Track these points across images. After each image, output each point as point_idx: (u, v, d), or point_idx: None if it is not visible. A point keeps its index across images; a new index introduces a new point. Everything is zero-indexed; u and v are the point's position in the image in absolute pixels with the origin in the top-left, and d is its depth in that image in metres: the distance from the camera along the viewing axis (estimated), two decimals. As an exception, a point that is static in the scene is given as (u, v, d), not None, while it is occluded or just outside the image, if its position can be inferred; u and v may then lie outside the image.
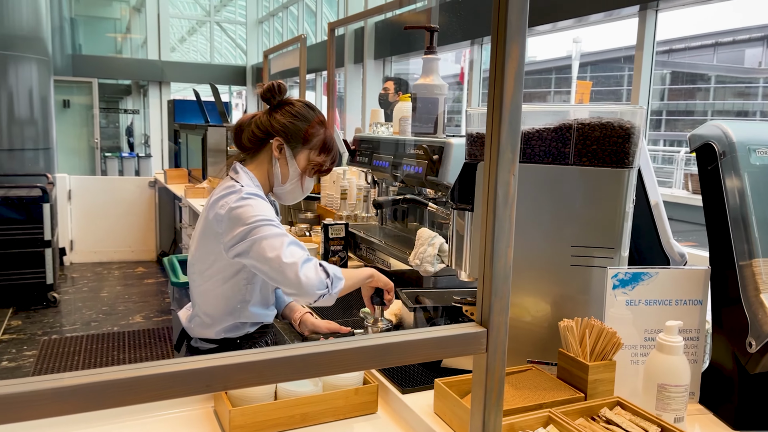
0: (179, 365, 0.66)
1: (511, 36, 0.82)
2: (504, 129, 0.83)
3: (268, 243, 1.33)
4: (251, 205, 1.39)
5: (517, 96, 0.84)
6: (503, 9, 0.82)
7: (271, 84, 1.52)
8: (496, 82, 0.84)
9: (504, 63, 0.83)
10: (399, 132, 2.10)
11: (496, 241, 0.87)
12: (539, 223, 1.26)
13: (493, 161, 0.85)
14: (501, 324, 0.90)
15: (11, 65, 5.15)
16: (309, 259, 1.35)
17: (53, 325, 4.25)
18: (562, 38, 18.01)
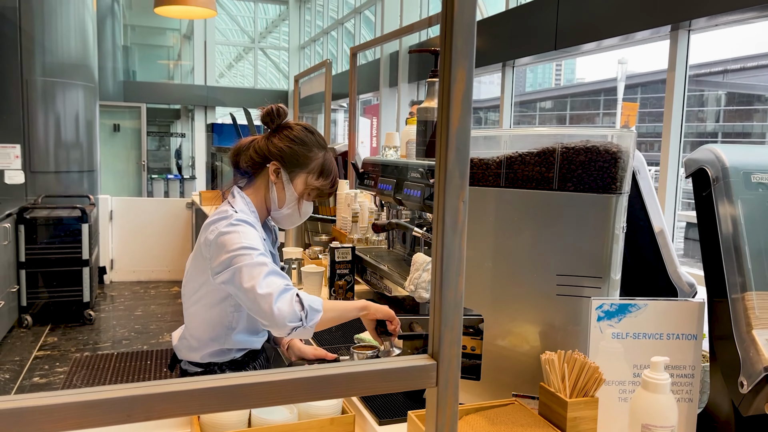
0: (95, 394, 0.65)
1: (457, 60, 0.80)
2: (451, 154, 0.81)
3: (248, 272, 1.31)
4: (238, 232, 1.37)
5: (464, 121, 0.81)
6: (449, 33, 0.80)
7: (270, 108, 1.52)
8: (443, 106, 0.82)
9: (450, 87, 0.81)
10: (406, 155, 2.08)
11: (445, 270, 0.84)
12: (523, 251, 1.22)
13: (441, 187, 0.82)
14: (453, 357, 0.86)
15: (59, 91, 5.42)
16: (286, 290, 1.31)
17: (86, 342, 4.37)
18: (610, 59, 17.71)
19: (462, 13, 0.80)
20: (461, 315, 0.86)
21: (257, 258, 1.33)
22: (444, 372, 0.86)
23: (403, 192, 1.79)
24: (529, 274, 1.22)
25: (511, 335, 1.27)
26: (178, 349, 1.57)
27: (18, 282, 4.54)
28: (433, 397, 0.85)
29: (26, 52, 5.20)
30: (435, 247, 0.86)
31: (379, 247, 2.35)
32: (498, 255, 1.26)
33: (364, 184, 2.16)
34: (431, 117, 1.86)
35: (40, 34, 5.25)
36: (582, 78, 19.06)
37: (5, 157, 5.22)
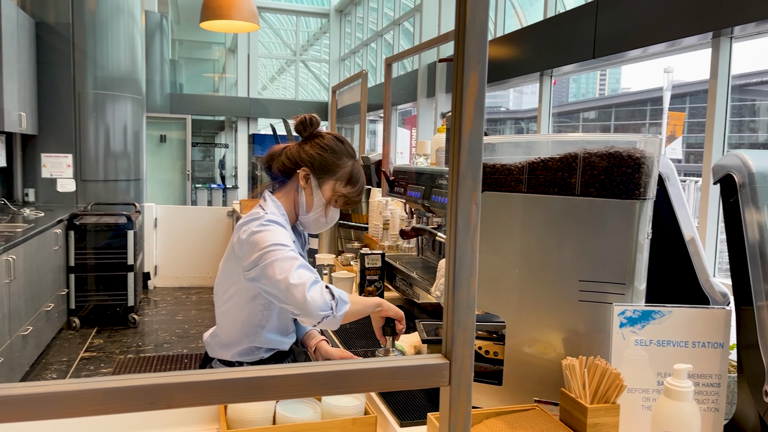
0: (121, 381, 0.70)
1: (469, 65, 0.82)
2: (464, 158, 0.83)
3: (279, 265, 1.36)
4: (270, 230, 1.43)
5: (476, 124, 0.83)
6: (461, 38, 0.83)
7: (304, 117, 1.59)
8: (455, 110, 0.84)
9: (462, 92, 0.83)
10: (436, 163, 2.10)
11: (457, 271, 0.86)
12: (546, 256, 1.22)
13: (454, 190, 0.84)
14: (465, 356, 0.87)
15: (109, 103, 5.65)
16: (316, 282, 1.37)
17: (130, 345, 4.52)
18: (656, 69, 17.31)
19: (474, 20, 0.82)
20: (474, 316, 0.88)
21: (288, 253, 1.39)
22: (457, 371, 0.87)
23: (431, 199, 1.81)
24: (552, 279, 1.22)
25: (534, 341, 1.27)
26: (209, 346, 1.62)
27: (67, 285, 4.73)
28: (447, 397, 0.87)
29: (79, 66, 5.45)
30: (448, 249, 0.88)
31: (409, 254, 2.37)
32: (522, 261, 1.26)
33: (394, 192, 2.19)
34: (460, 125, 1.88)
35: (92, 49, 5.50)
36: (627, 87, 18.61)
37: (58, 166, 5.47)
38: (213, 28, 5.24)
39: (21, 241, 3.51)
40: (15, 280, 3.41)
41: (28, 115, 4.97)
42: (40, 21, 5.28)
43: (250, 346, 1.55)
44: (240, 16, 4.90)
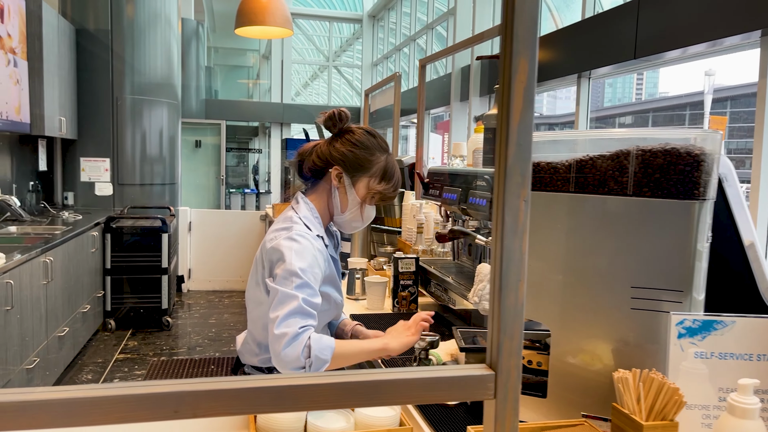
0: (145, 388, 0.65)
1: (518, 50, 0.76)
2: (512, 151, 0.76)
3: (280, 299, 1.33)
4: (292, 249, 1.38)
5: (526, 115, 0.77)
6: (509, 21, 0.76)
7: (332, 112, 1.52)
8: (503, 100, 0.78)
9: (511, 79, 0.76)
10: (473, 164, 2.04)
11: (504, 275, 0.79)
12: (595, 261, 1.14)
13: (501, 186, 0.78)
14: (512, 367, 0.81)
15: (146, 109, 5.74)
16: (297, 336, 1.29)
17: (163, 347, 4.55)
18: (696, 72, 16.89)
19: (524, 0, 0.76)
20: (522, 323, 0.81)
21: (294, 289, 1.33)
22: (503, 383, 0.81)
23: (468, 201, 1.74)
24: (600, 286, 1.14)
25: (580, 351, 1.19)
26: (241, 353, 1.59)
27: (103, 287, 4.80)
28: (492, 411, 0.80)
29: (117, 72, 5.55)
30: (494, 251, 0.81)
31: (444, 259, 2.30)
32: (567, 265, 1.19)
33: (429, 194, 2.13)
34: (499, 124, 1.81)
35: (130, 55, 5.60)
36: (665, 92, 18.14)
37: (96, 170, 5.57)
38: (247, 35, 5.28)
39: (59, 243, 3.56)
40: (52, 281, 3.46)
41: (68, 120, 5.08)
42: (81, 28, 5.39)
43: None
44: (274, 22, 4.92)
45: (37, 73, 4.41)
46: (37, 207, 4.98)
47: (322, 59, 14.76)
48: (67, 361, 3.86)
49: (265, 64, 15.19)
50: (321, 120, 1.55)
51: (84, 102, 5.45)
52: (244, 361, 1.57)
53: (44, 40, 4.43)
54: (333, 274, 1.54)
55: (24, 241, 3.68)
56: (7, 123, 3.93)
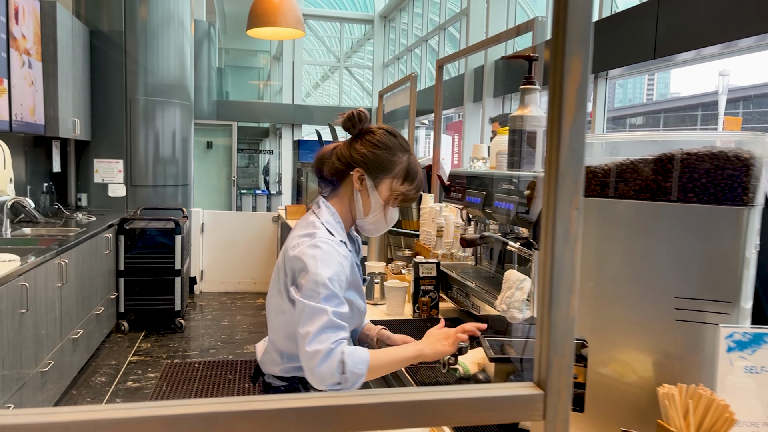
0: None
1: (572, 47, 0.71)
2: (564, 155, 0.72)
3: (309, 314, 1.29)
4: (317, 258, 1.34)
5: (579, 117, 0.72)
6: (562, 16, 0.71)
7: (351, 113, 1.48)
8: (554, 101, 0.73)
9: (563, 79, 0.71)
10: (496, 167, 1.99)
11: (555, 287, 0.74)
12: (635, 269, 1.09)
13: (552, 193, 0.73)
14: (563, 386, 0.76)
15: (158, 110, 5.73)
16: (331, 352, 1.26)
17: (177, 349, 4.53)
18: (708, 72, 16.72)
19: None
20: (573, 339, 0.76)
21: (322, 302, 1.30)
22: (552, 404, 0.76)
23: (493, 205, 1.69)
24: (640, 296, 1.09)
25: (617, 363, 1.14)
26: (262, 363, 1.55)
27: (117, 289, 4.79)
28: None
29: (130, 73, 5.55)
30: (543, 262, 0.76)
31: (464, 263, 2.25)
32: (603, 274, 1.14)
33: (450, 198, 2.08)
34: (524, 126, 1.76)
35: (143, 56, 5.59)
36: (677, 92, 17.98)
37: (109, 171, 5.57)
38: (259, 36, 5.26)
39: (73, 245, 3.54)
40: (67, 283, 3.44)
41: (81, 122, 5.08)
42: (94, 29, 5.39)
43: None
44: (286, 23, 4.90)
45: (52, 74, 4.41)
46: (51, 208, 4.98)
47: (333, 60, 14.75)
48: (81, 363, 3.85)
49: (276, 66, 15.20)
50: (339, 121, 1.51)
51: (97, 103, 5.45)
52: (266, 371, 1.53)
53: (58, 41, 4.43)
54: (357, 280, 1.50)
55: (38, 242, 3.66)
56: (21, 124, 3.92)
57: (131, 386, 3.79)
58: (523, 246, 1.48)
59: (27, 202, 4.07)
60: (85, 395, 3.64)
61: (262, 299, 6.15)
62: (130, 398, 3.60)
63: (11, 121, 3.74)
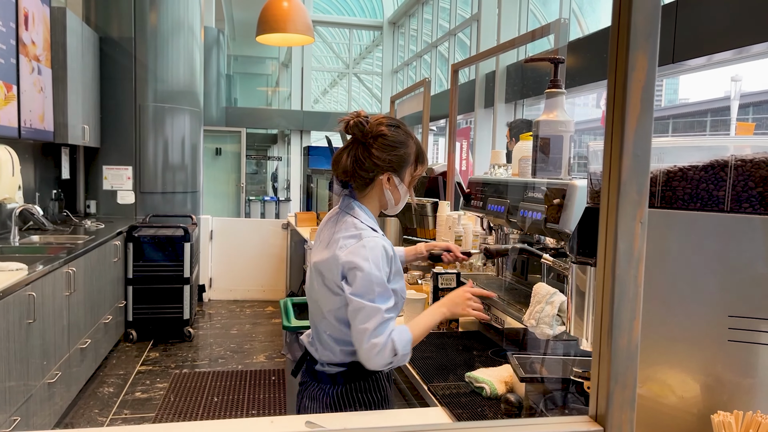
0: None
1: (637, 42, 0.64)
2: (627, 163, 0.64)
3: (365, 314, 1.38)
4: (368, 258, 1.40)
5: (644, 120, 0.64)
6: (625, 10, 0.64)
7: (358, 120, 1.49)
8: (615, 103, 0.65)
9: (626, 78, 0.64)
10: (519, 174, 1.91)
11: (616, 310, 0.67)
12: (684, 285, 1.01)
13: (612, 205, 0.65)
14: (625, 422, 0.68)
15: (168, 116, 5.70)
16: (386, 344, 1.37)
17: (185, 359, 4.47)
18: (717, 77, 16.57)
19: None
20: (636, 368, 0.68)
21: (377, 300, 1.39)
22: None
23: (518, 214, 1.62)
24: (688, 313, 1.00)
25: (654, 383, 1.06)
26: (313, 352, 1.56)
27: (125, 297, 4.74)
28: (598, 473, 0.67)
29: (140, 79, 5.52)
30: (602, 282, 0.69)
31: (485, 274, 2.18)
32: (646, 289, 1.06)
33: (470, 206, 2.00)
34: (553, 131, 1.68)
35: (152, 62, 5.56)
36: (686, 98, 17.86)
37: (119, 178, 5.53)
38: (268, 42, 5.22)
39: (82, 253, 3.49)
40: (75, 292, 3.39)
41: (91, 128, 5.04)
42: (104, 35, 5.37)
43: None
44: (295, 30, 4.86)
45: (61, 80, 4.38)
46: (60, 216, 4.94)
47: (341, 66, 14.73)
48: (89, 374, 3.79)
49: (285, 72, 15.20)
50: (341, 128, 1.54)
51: (107, 110, 5.42)
52: (322, 359, 1.53)
53: (68, 47, 4.40)
54: (400, 269, 1.55)
55: (46, 251, 3.62)
56: (30, 131, 3.88)
57: (139, 397, 3.72)
58: (556, 257, 1.41)
59: (35, 209, 4.03)
60: (92, 406, 3.57)
61: (272, 307, 6.09)
62: (139, 409, 3.53)
63: (20, 128, 3.70)
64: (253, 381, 4.04)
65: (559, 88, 1.75)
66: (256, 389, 3.90)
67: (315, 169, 6.32)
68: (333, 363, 1.52)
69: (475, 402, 1.41)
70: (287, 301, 2.63)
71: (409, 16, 12.00)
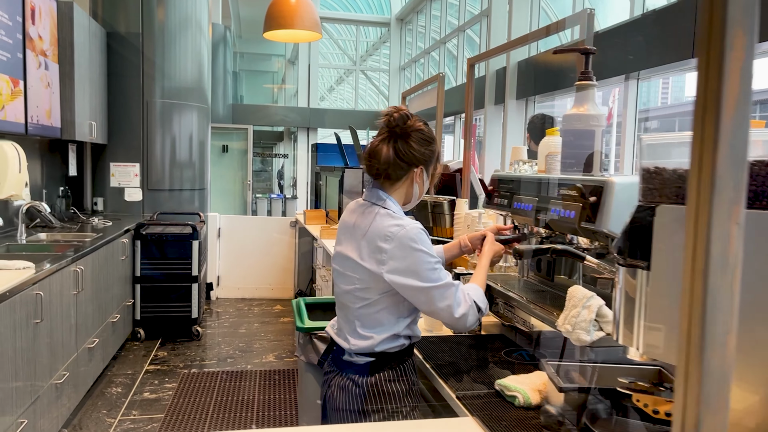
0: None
1: (734, 17, 0.56)
2: (722, 154, 0.56)
3: (439, 293, 1.47)
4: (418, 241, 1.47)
5: (743, 105, 0.56)
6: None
7: (405, 113, 1.55)
8: (706, 85, 0.57)
9: (722, 56, 0.56)
10: (545, 170, 1.83)
11: (709, 324, 0.58)
12: (746, 292, 0.93)
13: (704, 204, 0.57)
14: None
15: (176, 112, 5.63)
16: (470, 307, 1.51)
17: (194, 358, 4.41)
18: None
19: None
20: (729, 391, 0.60)
21: (443, 277, 1.49)
22: (703, 475, 0.59)
23: (549, 212, 1.54)
24: (753, 323, 0.92)
25: (747, 405, 0.98)
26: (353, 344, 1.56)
27: (133, 296, 4.68)
28: None
29: (147, 76, 5.46)
30: (689, 291, 0.60)
31: (507, 275, 2.10)
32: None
33: (494, 204, 1.93)
34: (584, 126, 1.60)
35: (160, 58, 5.50)
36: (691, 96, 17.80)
37: (126, 175, 5.48)
38: (276, 38, 5.15)
39: (89, 251, 3.43)
40: (83, 291, 3.33)
41: (98, 125, 4.98)
42: (111, 31, 5.31)
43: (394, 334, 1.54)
44: (303, 26, 4.79)
45: (69, 76, 4.32)
46: (67, 213, 4.89)
47: (348, 63, 14.65)
48: (96, 374, 3.73)
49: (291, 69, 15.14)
50: (383, 120, 1.56)
51: (114, 106, 5.36)
52: (353, 348, 1.54)
53: (75, 42, 4.34)
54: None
55: (53, 248, 3.56)
56: (38, 127, 3.82)
57: (148, 397, 3.66)
58: (598, 258, 1.33)
59: (42, 206, 3.98)
60: (100, 407, 3.51)
61: (280, 306, 6.02)
62: (147, 410, 3.47)
63: (27, 124, 3.64)
64: (263, 381, 3.98)
65: (590, 80, 1.67)
66: (266, 390, 3.83)
67: (324, 166, 6.24)
68: (362, 353, 1.54)
69: (509, 412, 1.33)
70: (300, 302, 2.56)
71: (416, 13, 11.91)
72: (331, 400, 1.58)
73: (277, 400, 3.68)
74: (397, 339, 1.55)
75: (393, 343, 1.54)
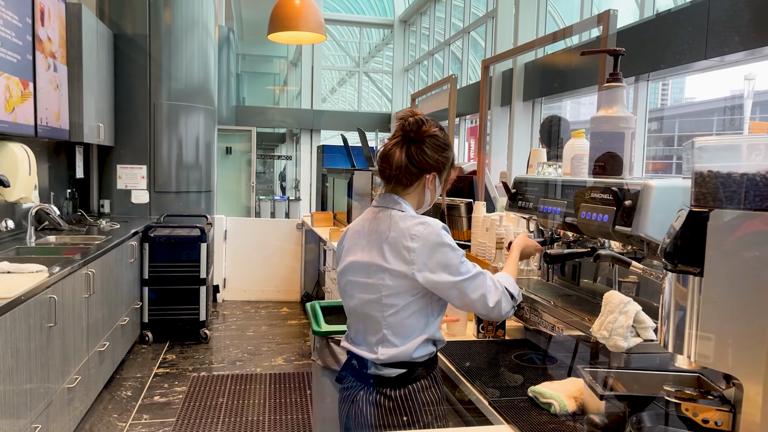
0: None
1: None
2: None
3: (470, 286, 1.47)
4: (443, 237, 1.48)
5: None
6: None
7: (420, 119, 1.53)
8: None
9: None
10: (570, 173, 1.81)
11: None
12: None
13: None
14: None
15: (182, 114, 5.61)
16: (502, 294, 1.51)
17: (203, 362, 4.38)
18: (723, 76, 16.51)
19: None
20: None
21: (472, 268, 1.49)
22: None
23: (579, 216, 1.52)
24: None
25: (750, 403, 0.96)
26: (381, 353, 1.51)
27: (141, 298, 4.66)
28: None
29: (154, 77, 5.44)
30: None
31: (529, 278, 2.08)
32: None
33: (518, 207, 1.90)
34: (613, 128, 1.58)
35: (167, 60, 5.48)
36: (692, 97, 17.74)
37: (133, 177, 5.46)
38: (280, 40, 5.13)
39: (100, 254, 3.41)
40: (94, 294, 3.30)
41: (105, 127, 4.97)
42: (119, 32, 5.29)
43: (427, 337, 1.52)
44: (307, 27, 4.77)
45: (77, 78, 4.30)
46: (74, 215, 4.87)
47: (351, 65, 14.64)
48: (107, 377, 3.71)
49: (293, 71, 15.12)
50: (400, 124, 1.54)
51: (121, 108, 5.34)
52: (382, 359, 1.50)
53: (83, 44, 4.32)
54: None
55: (63, 251, 3.53)
56: (47, 129, 3.80)
57: (158, 401, 3.64)
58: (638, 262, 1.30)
59: (51, 209, 3.95)
60: (111, 411, 3.49)
61: (287, 308, 6.00)
62: (158, 414, 3.45)
63: (36, 126, 3.62)
64: (274, 384, 3.95)
65: (619, 81, 1.65)
66: (278, 393, 3.81)
67: (330, 168, 6.22)
68: (392, 363, 1.50)
69: (546, 420, 1.30)
70: (315, 305, 2.54)
71: (420, 14, 11.89)
72: (358, 417, 1.52)
73: (288, 404, 3.66)
74: (428, 345, 1.52)
75: (425, 350, 1.51)
